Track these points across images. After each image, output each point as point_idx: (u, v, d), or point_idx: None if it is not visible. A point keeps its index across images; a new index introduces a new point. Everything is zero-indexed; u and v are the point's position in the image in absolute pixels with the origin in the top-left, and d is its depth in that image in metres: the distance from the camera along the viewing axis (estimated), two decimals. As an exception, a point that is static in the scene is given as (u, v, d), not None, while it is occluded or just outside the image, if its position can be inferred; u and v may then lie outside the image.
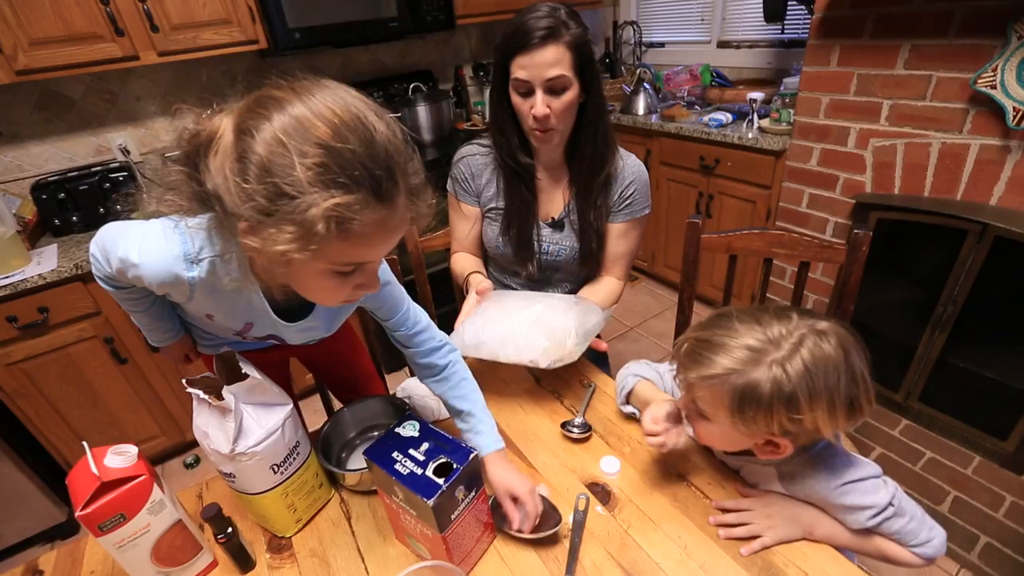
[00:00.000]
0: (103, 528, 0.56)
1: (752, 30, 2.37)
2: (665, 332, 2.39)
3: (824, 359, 0.56)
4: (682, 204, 2.31)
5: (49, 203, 1.68)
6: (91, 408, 1.69)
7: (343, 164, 0.47)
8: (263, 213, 0.48)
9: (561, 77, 0.90)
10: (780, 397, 0.56)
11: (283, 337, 0.78)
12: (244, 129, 0.49)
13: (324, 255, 0.51)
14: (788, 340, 0.57)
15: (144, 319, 0.85)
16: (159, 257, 0.61)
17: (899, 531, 0.61)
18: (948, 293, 1.55)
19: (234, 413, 0.61)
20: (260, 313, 0.69)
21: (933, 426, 1.71)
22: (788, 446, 0.61)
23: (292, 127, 0.47)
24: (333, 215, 0.47)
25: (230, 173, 0.49)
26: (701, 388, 0.62)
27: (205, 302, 0.67)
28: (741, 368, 0.57)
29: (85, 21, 1.52)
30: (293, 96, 0.49)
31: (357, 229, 0.49)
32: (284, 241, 0.48)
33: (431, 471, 0.57)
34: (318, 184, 0.47)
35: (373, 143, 0.49)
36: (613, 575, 0.63)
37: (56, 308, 1.52)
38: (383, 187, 0.50)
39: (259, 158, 0.47)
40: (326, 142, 0.47)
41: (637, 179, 1.07)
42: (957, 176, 1.43)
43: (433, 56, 2.55)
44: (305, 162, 0.46)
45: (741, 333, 0.59)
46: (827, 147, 1.70)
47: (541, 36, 0.87)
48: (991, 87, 1.27)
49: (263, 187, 0.47)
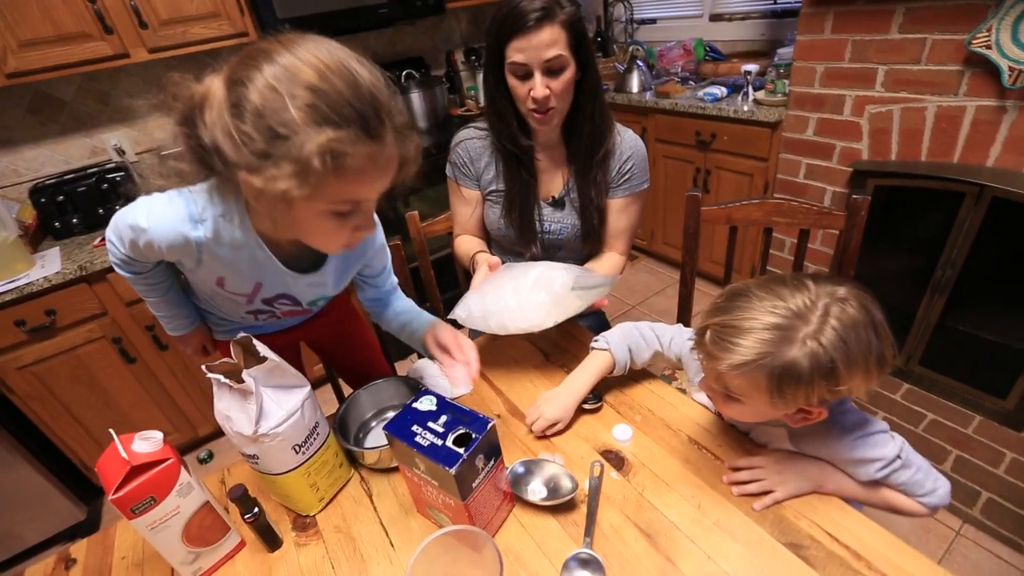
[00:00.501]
0: (135, 511, 0.58)
1: (744, 1, 2.35)
2: (666, 309, 2.41)
3: (853, 324, 0.56)
4: (680, 181, 2.31)
5: (48, 206, 1.68)
6: (103, 408, 1.71)
7: (331, 104, 0.52)
8: (261, 156, 0.52)
9: (559, 57, 0.89)
10: (820, 371, 0.55)
11: (294, 294, 0.81)
12: (236, 80, 0.53)
13: (322, 193, 0.55)
14: (815, 312, 0.56)
15: (162, 306, 0.87)
16: (166, 219, 0.66)
17: (906, 482, 0.63)
18: (946, 257, 1.57)
19: (255, 395, 0.62)
20: (268, 269, 0.73)
21: (934, 389, 1.74)
22: (823, 412, 0.61)
23: (282, 74, 0.51)
24: (327, 150, 0.51)
25: (227, 121, 0.53)
26: (732, 377, 0.59)
27: (213, 264, 0.70)
28: (773, 350, 0.56)
29: (73, 20, 1.51)
30: (280, 47, 0.53)
31: (350, 164, 0.54)
32: (284, 179, 0.52)
33: (451, 442, 0.59)
34: (310, 123, 0.51)
35: (358, 85, 0.53)
36: (631, 535, 0.65)
37: (63, 310, 1.53)
38: (370, 124, 0.54)
39: (253, 104, 0.51)
40: (314, 84, 0.51)
41: (635, 153, 1.07)
42: (953, 139, 1.44)
43: (424, 42, 2.53)
44: (296, 103, 0.51)
45: (764, 312, 0.57)
46: (823, 116, 1.70)
47: (536, 18, 0.86)
48: (986, 47, 1.27)
49: (259, 130, 0.52)
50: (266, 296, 0.80)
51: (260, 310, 0.86)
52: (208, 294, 0.85)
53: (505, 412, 0.88)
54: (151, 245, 0.68)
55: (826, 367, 0.55)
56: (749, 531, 0.64)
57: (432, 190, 2.10)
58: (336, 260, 0.80)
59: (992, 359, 1.60)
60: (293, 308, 0.87)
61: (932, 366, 1.74)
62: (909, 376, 1.80)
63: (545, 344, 1.03)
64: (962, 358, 1.67)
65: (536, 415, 0.82)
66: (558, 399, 0.82)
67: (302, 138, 0.51)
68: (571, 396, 0.82)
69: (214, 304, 0.90)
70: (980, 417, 1.63)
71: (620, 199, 1.09)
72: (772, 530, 0.63)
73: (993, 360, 1.60)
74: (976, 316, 1.62)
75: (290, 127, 0.51)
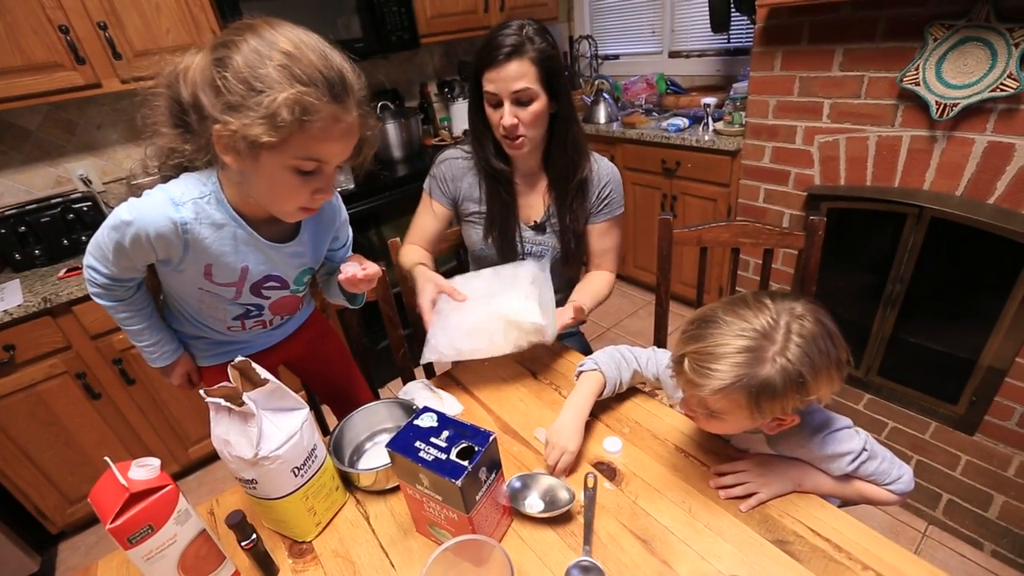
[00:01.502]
0: (132, 540, 0.57)
1: (700, 40, 2.53)
2: (641, 330, 2.47)
3: (812, 337, 0.61)
4: (648, 206, 2.42)
5: (9, 237, 1.62)
6: (63, 448, 1.62)
7: (302, 68, 0.61)
8: (238, 104, 0.61)
9: (527, 90, 0.96)
10: (791, 384, 0.60)
11: (279, 272, 0.84)
12: (222, 44, 0.63)
13: (288, 145, 0.63)
14: (778, 331, 0.61)
15: (146, 333, 0.86)
16: (149, 207, 0.70)
17: (874, 472, 0.69)
18: (895, 273, 1.69)
19: (256, 418, 0.62)
20: (250, 247, 0.78)
21: (893, 398, 1.85)
22: (795, 418, 0.66)
23: (263, 41, 0.61)
24: (296, 102, 0.60)
25: (211, 73, 0.61)
26: (715, 400, 0.63)
27: (199, 251, 0.74)
28: (749, 371, 0.60)
29: (44, 51, 1.49)
30: (264, 24, 0.63)
31: (315, 121, 0.62)
32: (256, 124, 0.60)
33: (454, 455, 0.61)
34: (283, 79, 0.60)
35: (328, 58, 0.63)
36: (628, 542, 0.67)
37: (23, 345, 1.47)
38: (336, 89, 0.63)
39: (235, 62, 0.61)
40: (290, 51, 0.61)
41: (612, 180, 1.14)
42: (893, 165, 1.58)
43: (398, 75, 2.60)
44: (272, 63, 0.60)
45: (733, 336, 0.61)
46: (777, 145, 1.83)
47: (506, 52, 0.94)
48: (915, 84, 1.42)
49: (239, 81, 0.60)
50: (254, 280, 0.82)
51: (249, 309, 0.87)
52: (195, 301, 0.85)
53: (498, 430, 0.90)
54: (138, 239, 0.70)
55: (796, 380, 0.60)
56: (738, 531, 0.67)
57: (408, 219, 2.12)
58: (309, 229, 0.86)
59: (942, 368, 1.72)
60: (282, 295, 0.89)
61: (889, 376, 1.85)
62: (869, 386, 1.90)
63: (533, 364, 1.06)
64: (916, 368, 1.78)
65: (558, 454, 0.77)
66: (568, 428, 0.79)
67: (276, 91, 0.60)
68: (578, 420, 0.81)
69: (201, 316, 0.89)
70: (936, 423, 1.74)
71: (602, 223, 1.15)
72: (759, 529, 0.67)
73: (943, 369, 1.71)
74: (926, 328, 1.74)
75: (265, 82, 0.60)
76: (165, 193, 0.71)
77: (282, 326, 1.00)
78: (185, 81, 0.64)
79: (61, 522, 1.70)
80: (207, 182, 0.73)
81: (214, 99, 0.61)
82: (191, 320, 0.90)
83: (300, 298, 0.97)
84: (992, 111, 1.34)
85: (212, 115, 0.62)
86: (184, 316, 0.90)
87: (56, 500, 1.66)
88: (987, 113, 1.35)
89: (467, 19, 2.36)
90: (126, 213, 0.69)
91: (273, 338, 0.99)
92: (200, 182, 0.72)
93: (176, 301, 0.88)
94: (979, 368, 1.61)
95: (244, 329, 0.92)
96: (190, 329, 0.92)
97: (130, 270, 0.78)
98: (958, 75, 1.35)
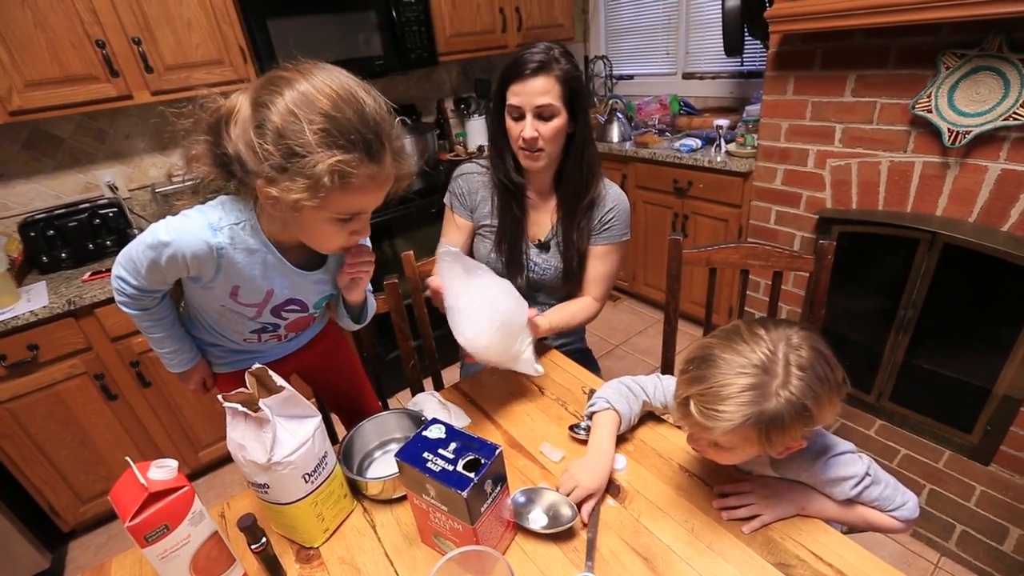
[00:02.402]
0: (149, 539, 0.59)
1: (714, 63, 2.56)
2: (649, 348, 2.47)
3: (811, 365, 0.62)
4: (659, 225, 2.43)
5: (38, 240, 1.69)
6: (78, 447, 1.66)
7: (342, 130, 0.62)
8: (279, 169, 0.62)
9: (549, 105, 1.00)
10: (797, 415, 0.60)
11: (301, 297, 0.87)
12: (260, 103, 0.63)
13: (328, 204, 0.65)
14: (777, 364, 0.62)
15: (167, 341, 0.89)
16: (187, 229, 0.72)
17: (878, 497, 0.69)
18: (907, 298, 1.68)
19: (271, 424, 0.64)
20: (278, 272, 0.80)
21: (905, 424, 1.82)
22: (803, 442, 0.67)
23: (300, 100, 0.61)
24: (336, 169, 0.61)
25: (251, 138, 0.63)
26: (726, 438, 0.64)
27: (231, 272, 0.76)
28: (756, 409, 0.60)
29: (81, 63, 1.57)
30: (299, 75, 0.63)
31: (354, 182, 0.64)
32: (297, 191, 0.62)
33: (461, 467, 0.62)
34: (323, 145, 0.61)
35: (364, 113, 0.64)
36: (629, 559, 0.68)
37: (46, 345, 1.51)
38: (373, 148, 0.64)
39: (274, 125, 0.61)
40: (328, 112, 0.61)
41: (618, 206, 1.16)
42: (906, 191, 1.58)
43: (415, 91, 2.66)
44: (312, 128, 0.60)
45: (735, 375, 0.62)
46: (789, 168, 1.84)
47: (533, 68, 0.99)
48: (927, 111, 1.43)
49: (278, 148, 0.61)
50: (276, 303, 0.85)
51: (266, 326, 0.90)
52: (216, 314, 0.87)
53: (505, 444, 0.91)
54: (174, 259, 0.72)
55: (801, 411, 0.61)
56: (740, 553, 0.67)
57: (423, 232, 2.17)
58: (337, 258, 0.89)
59: (956, 395, 1.69)
60: (299, 316, 0.91)
61: (902, 403, 1.83)
62: (881, 412, 1.88)
63: (541, 380, 1.07)
64: (929, 394, 1.76)
65: (572, 484, 0.75)
66: (592, 467, 0.77)
67: (316, 158, 0.61)
68: (604, 463, 0.78)
69: (219, 327, 0.92)
70: (949, 452, 1.71)
71: (600, 247, 1.17)
72: (761, 551, 0.67)
73: (957, 396, 1.69)
74: (939, 354, 1.72)
75: (306, 148, 0.61)
76: (204, 217, 0.73)
77: (296, 338, 1.02)
78: (228, 135, 0.66)
79: (73, 520, 1.73)
80: (244, 209, 0.75)
81: (256, 162, 0.63)
82: (209, 329, 0.93)
83: (315, 318, 0.99)
84: (1005, 139, 1.34)
85: (255, 172, 0.64)
86: (203, 325, 0.93)
87: (69, 498, 1.69)
88: (1000, 141, 1.35)
89: (485, 39, 2.42)
90: (164, 234, 0.71)
91: (287, 349, 1.02)
92: (238, 209, 0.75)
93: (197, 311, 0.91)
94: (994, 397, 1.58)
95: (260, 341, 0.95)
96: (207, 337, 0.95)
97: (159, 283, 0.81)
98: (970, 103, 1.35)
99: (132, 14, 1.60)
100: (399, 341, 1.26)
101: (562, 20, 2.67)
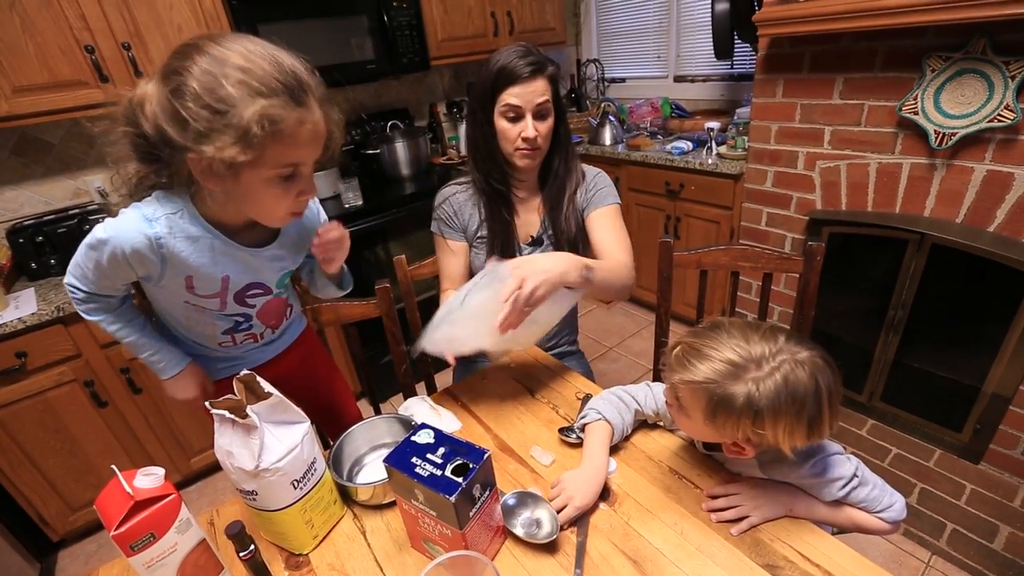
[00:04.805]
0: (134, 548, 0.58)
1: (704, 66, 2.58)
2: (642, 351, 2.48)
3: (796, 385, 0.61)
4: (651, 227, 2.44)
5: (26, 247, 1.67)
6: (68, 455, 1.64)
7: (260, 79, 0.62)
8: (206, 132, 0.62)
9: (546, 103, 1.05)
10: (748, 411, 0.61)
11: (261, 279, 0.86)
12: (172, 71, 0.63)
13: (265, 159, 0.65)
14: (768, 364, 0.62)
15: (145, 345, 0.88)
16: (123, 225, 0.72)
17: (865, 499, 0.69)
18: (897, 298, 1.70)
19: (259, 431, 0.64)
20: (228, 257, 0.79)
21: (896, 424, 1.83)
22: (751, 451, 0.68)
23: (213, 60, 0.62)
24: (263, 116, 0.62)
25: (171, 105, 0.62)
26: (683, 390, 0.67)
27: (178, 264, 0.75)
28: (720, 380, 0.62)
29: (70, 69, 1.56)
30: (207, 41, 0.64)
31: (284, 128, 0.64)
32: (229, 147, 0.62)
33: (449, 472, 0.62)
34: (245, 96, 0.61)
35: (279, 63, 0.65)
36: (619, 563, 0.68)
37: (35, 352, 1.50)
38: (296, 92, 0.65)
39: (192, 88, 0.62)
40: (242, 65, 0.62)
41: (600, 176, 1.19)
42: (894, 192, 1.59)
43: (408, 95, 2.66)
44: (230, 81, 0.61)
45: (727, 348, 0.63)
46: (779, 170, 1.85)
47: (531, 70, 1.02)
48: (914, 113, 1.44)
49: (201, 107, 0.61)
50: (237, 289, 0.84)
51: (238, 321, 0.88)
52: (183, 317, 0.86)
53: (495, 448, 0.91)
54: (115, 257, 0.72)
55: (754, 410, 0.61)
56: (729, 554, 0.68)
57: (416, 236, 2.17)
58: (291, 231, 0.88)
59: (946, 394, 1.71)
60: (267, 300, 0.90)
61: (892, 402, 1.84)
62: (872, 412, 1.89)
63: (531, 383, 1.07)
64: (919, 394, 1.77)
65: (564, 501, 0.74)
66: (583, 481, 0.76)
67: (239, 109, 0.61)
68: (598, 477, 0.77)
69: (191, 333, 0.91)
70: (940, 451, 1.72)
71: (596, 211, 1.15)
72: (750, 553, 0.67)
73: (947, 395, 1.70)
74: (929, 354, 1.74)
75: (228, 101, 0.61)
76: (138, 211, 0.72)
77: (275, 341, 1.01)
78: (144, 116, 0.65)
79: (62, 529, 1.71)
80: (179, 198, 0.74)
81: (181, 131, 0.62)
82: (183, 339, 0.92)
83: (285, 301, 0.97)
84: (991, 141, 1.36)
85: (183, 145, 0.63)
86: (176, 333, 0.91)
87: (59, 507, 1.68)
88: (986, 143, 1.37)
89: (477, 43, 2.43)
90: (102, 232, 0.72)
91: (266, 354, 1.01)
92: (172, 200, 0.74)
93: (166, 319, 0.90)
94: (983, 395, 1.60)
95: (236, 344, 0.94)
96: (183, 349, 0.93)
97: (109, 288, 0.80)
98: (956, 105, 1.37)
99: (122, 20, 1.60)
100: (391, 346, 1.25)
101: (554, 24, 2.69)
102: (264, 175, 0.67)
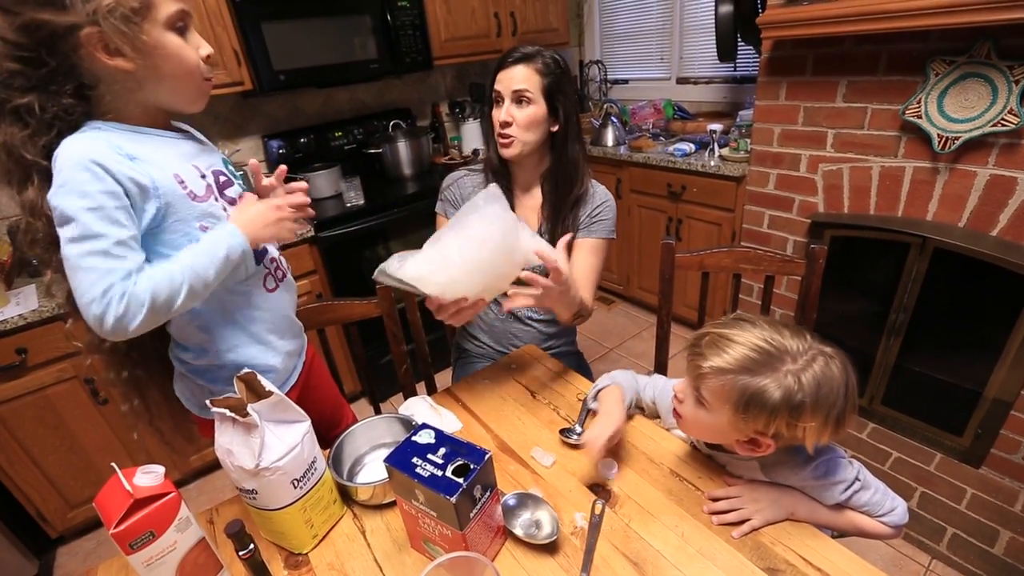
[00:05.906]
0: (134, 546, 0.58)
1: (707, 68, 2.58)
2: (643, 352, 2.47)
3: (831, 378, 0.61)
4: (653, 229, 2.44)
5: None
6: (67, 452, 1.64)
7: None
8: None
9: (525, 91, 1.04)
10: (788, 404, 0.60)
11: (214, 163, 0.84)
12: None
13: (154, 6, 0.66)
14: (803, 357, 0.62)
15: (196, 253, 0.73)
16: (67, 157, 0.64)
17: (867, 503, 0.69)
18: (898, 302, 1.69)
19: (259, 429, 0.64)
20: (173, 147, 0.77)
21: (897, 427, 1.83)
22: (772, 446, 0.66)
23: None
24: None
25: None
26: (711, 379, 0.64)
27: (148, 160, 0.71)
28: (755, 368, 0.62)
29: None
30: None
31: None
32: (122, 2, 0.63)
33: (450, 472, 0.62)
34: None
35: None
36: (620, 564, 0.68)
37: (35, 349, 1.50)
38: None
39: None
40: None
41: (607, 203, 1.18)
42: (896, 195, 1.59)
43: (411, 94, 2.66)
44: None
45: (759, 338, 0.63)
46: (782, 172, 1.85)
47: (517, 58, 1.05)
48: (917, 117, 1.44)
49: None
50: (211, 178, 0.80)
51: None
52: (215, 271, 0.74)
53: (495, 448, 0.91)
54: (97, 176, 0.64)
55: (795, 403, 0.60)
56: (730, 557, 0.67)
57: (417, 235, 2.17)
58: None
59: (947, 398, 1.70)
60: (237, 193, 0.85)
61: (893, 406, 1.84)
62: (873, 415, 1.89)
63: (532, 383, 1.07)
64: (920, 398, 1.77)
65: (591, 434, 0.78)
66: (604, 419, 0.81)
67: None
68: (618, 414, 0.82)
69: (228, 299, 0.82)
70: (940, 455, 1.72)
71: (589, 240, 1.16)
72: (751, 556, 0.67)
73: (948, 399, 1.70)
74: (930, 358, 1.73)
75: None
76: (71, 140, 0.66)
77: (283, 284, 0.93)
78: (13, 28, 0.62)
79: (61, 526, 1.71)
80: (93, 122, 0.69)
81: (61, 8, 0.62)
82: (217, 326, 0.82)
83: None
84: (994, 145, 1.36)
85: (72, 23, 0.62)
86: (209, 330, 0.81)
87: (58, 504, 1.67)
88: (989, 147, 1.37)
89: (480, 43, 2.43)
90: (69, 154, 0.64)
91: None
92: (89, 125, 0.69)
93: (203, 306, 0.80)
94: (984, 400, 1.60)
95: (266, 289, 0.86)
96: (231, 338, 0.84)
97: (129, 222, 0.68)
98: (959, 109, 1.37)
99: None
100: (391, 345, 1.25)
101: (557, 25, 2.68)
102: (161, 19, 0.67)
